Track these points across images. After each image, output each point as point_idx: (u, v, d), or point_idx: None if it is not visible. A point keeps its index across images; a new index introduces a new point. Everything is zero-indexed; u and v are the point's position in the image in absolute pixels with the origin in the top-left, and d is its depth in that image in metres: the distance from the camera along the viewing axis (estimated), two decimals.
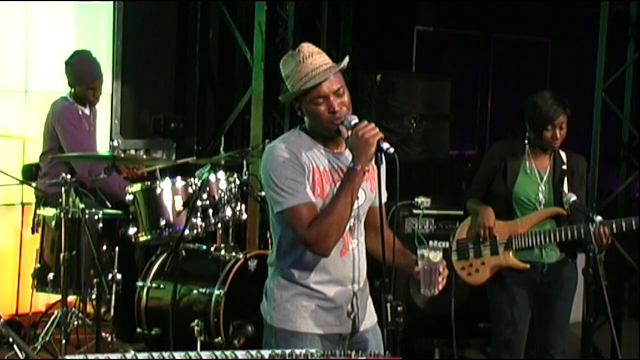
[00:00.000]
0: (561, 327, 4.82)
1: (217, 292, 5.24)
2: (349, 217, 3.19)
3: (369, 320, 3.39)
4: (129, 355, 2.75)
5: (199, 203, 5.29)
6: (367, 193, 3.32)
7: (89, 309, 5.71)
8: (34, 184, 5.84)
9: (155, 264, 5.57)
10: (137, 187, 5.38)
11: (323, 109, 3.20)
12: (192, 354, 2.78)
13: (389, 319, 3.08)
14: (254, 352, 2.84)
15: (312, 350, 2.96)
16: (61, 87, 5.95)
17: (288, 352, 2.89)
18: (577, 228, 4.59)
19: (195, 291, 5.33)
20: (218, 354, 2.79)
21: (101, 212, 5.47)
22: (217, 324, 5.18)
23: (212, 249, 5.50)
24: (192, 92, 7.41)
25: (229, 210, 5.41)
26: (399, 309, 3.08)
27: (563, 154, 4.81)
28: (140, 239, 5.36)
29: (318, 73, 3.20)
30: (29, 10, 6.42)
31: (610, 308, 4.35)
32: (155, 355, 2.74)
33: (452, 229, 5.49)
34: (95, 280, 5.33)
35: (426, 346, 6.01)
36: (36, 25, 6.47)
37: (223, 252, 5.44)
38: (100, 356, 2.75)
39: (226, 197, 5.39)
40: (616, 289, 6.43)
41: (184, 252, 5.41)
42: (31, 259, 5.61)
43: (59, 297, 5.36)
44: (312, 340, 3.24)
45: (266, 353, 2.85)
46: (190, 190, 5.36)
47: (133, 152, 6.96)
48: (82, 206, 5.25)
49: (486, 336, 5.66)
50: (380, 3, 8.13)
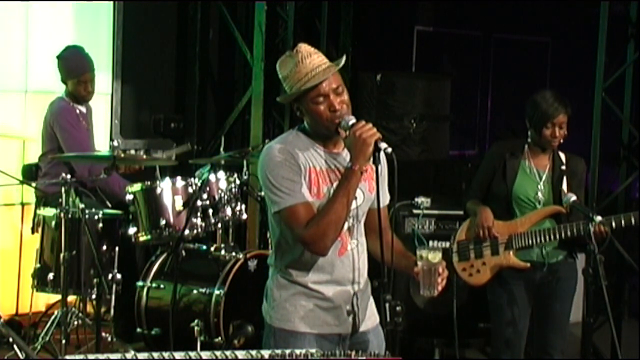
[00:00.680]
0: (561, 327, 4.82)
1: (217, 292, 5.24)
2: (347, 216, 3.20)
3: (370, 320, 3.39)
4: (129, 355, 2.75)
5: (199, 203, 5.30)
6: (366, 193, 3.32)
7: (89, 309, 5.72)
8: (34, 184, 5.84)
9: (155, 264, 5.57)
10: (137, 187, 5.38)
11: (323, 108, 3.20)
12: (192, 354, 2.78)
13: (387, 318, 3.08)
14: (254, 352, 2.84)
15: (312, 350, 2.96)
16: (61, 87, 5.95)
17: (288, 352, 2.89)
18: (576, 225, 4.60)
19: (195, 291, 5.33)
20: (218, 354, 2.79)
21: (101, 212, 5.47)
22: (217, 324, 5.18)
23: (212, 249, 5.50)
24: (192, 92, 7.41)
25: (229, 210, 5.41)
26: (397, 308, 3.07)
27: (562, 155, 4.81)
28: (140, 239, 5.36)
29: (317, 73, 3.20)
30: (29, 10, 6.42)
31: (610, 308, 4.35)
32: (155, 355, 2.74)
33: (452, 229, 5.50)
34: (95, 280, 5.33)
35: (426, 346, 6.01)
36: (36, 25, 6.47)
37: (223, 252, 5.44)
38: (100, 356, 2.75)
39: (226, 197, 5.40)
40: (616, 289, 6.42)
41: (184, 252, 5.41)
42: (31, 259, 5.60)
43: (59, 297, 5.36)
44: (310, 340, 3.24)
45: (266, 353, 2.85)
46: (190, 190, 5.36)
47: (133, 152, 6.95)
48: (82, 206, 5.25)
49: (486, 336, 5.66)
50: (380, 3, 8.13)
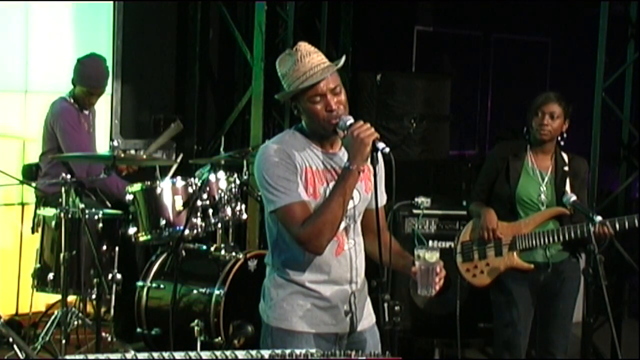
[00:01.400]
0: (563, 327, 4.82)
1: (217, 292, 5.24)
2: (343, 216, 3.19)
3: (367, 320, 3.39)
4: (129, 355, 2.75)
5: (199, 203, 5.30)
6: (362, 193, 3.31)
7: (89, 309, 5.72)
8: (34, 184, 5.84)
9: (155, 264, 5.57)
10: (137, 187, 5.38)
11: (320, 107, 3.20)
12: (192, 354, 2.77)
13: (386, 318, 3.08)
14: (254, 352, 2.84)
15: (312, 350, 2.95)
16: (61, 87, 5.94)
17: (288, 352, 2.89)
18: (580, 227, 4.60)
19: (195, 291, 5.33)
20: (218, 354, 2.79)
21: (101, 212, 5.47)
22: (217, 324, 5.18)
23: (212, 249, 5.50)
24: (192, 92, 7.40)
25: (229, 210, 5.41)
26: (396, 308, 3.07)
27: (565, 155, 4.82)
28: (140, 239, 5.37)
29: (316, 72, 3.20)
30: (29, 10, 6.42)
31: (610, 308, 4.35)
32: (155, 355, 2.74)
33: (452, 229, 5.51)
34: (95, 280, 5.33)
35: (426, 346, 6.01)
36: (36, 25, 6.47)
37: (223, 252, 5.44)
38: (100, 356, 2.75)
39: (226, 197, 5.40)
40: (616, 289, 6.42)
41: (184, 252, 5.41)
42: (31, 259, 5.60)
43: (59, 297, 5.36)
44: (307, 339, 3.24)
45: (266, 353, 2.85)
46: (190, 190, 5.36)
47: (133, 152, 6.95)
48: (82, 206, 5.25)
49: (486, 336, 5.66)
50: (380, 3, 8.13)
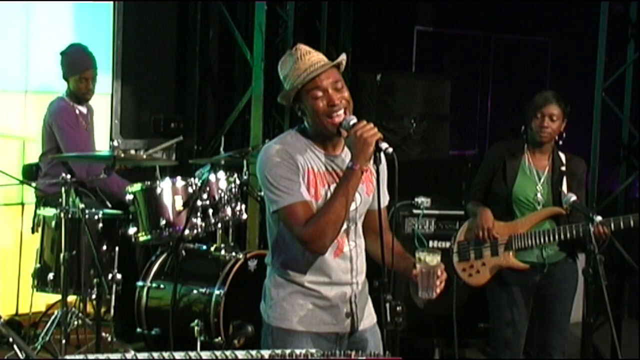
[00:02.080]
0: (561, 328, 4.82)
1: (217, 292, 5.24)
2: (346, 216, 3.19)
3: (368, 320, 3.39)
4: (129, 355, 2.75)
5: (199, 203, 5.29)
6: (363, 196, 3.31)
7: (89, 309, 5.72)
8: (34, 184, 5.84)
9: (155, 264, 5.57)
10: (137, 187, 5.37)
11: (322, 103, 3.20)
12: (192, 354, 2.77)
13: (388, 319, 3.08)
14: (254, 352, 2.83)
15: (312, 350, 2.95)
16: (61, 88, 5.94)
17: (288, 352, 2.89)
18: (576, 227, 4.60)
19: (195, 291, 5.33)
20: (218, 354, 2.79)
21: (101, 212, 5.47)
22: (217, 324, 5.18)
23: (212, 249, 5.50)
24: (192, 92, 7.40)
25: (229, 210, 5.41)
26: (398, 308, 3.07)
27: (562, 155, 4.82)
28: (140, 239, 5.36)
29: (316, 68, 3.20)
30: (29, 10, 6.42)
31: (610, 308, 4.35)
32: (155, 355, 2.74)
33: (452, 229, 5.50)
34: (95, 280, 5.33)
35: (426, 346, 6.02)
36: (36, 25, 6.47)
37: (223, 252, 5.44)
38: (100, 356, 2.75)
39: (226, 197, 5.39)
40: (616, 289, 6.43)
41: (184, 252, 5.41)
42: (31, 259, 5.60)
43: (59, 297, 5.36)
44: (308, 339, 3.24)
45: (266, 353, 2.85)
46: (190, 190, 5.35)
47: (133, 152, 6.95)
48: (82, 206, 5.25)
49: (486, 336, 5.66)
50: (380, 3, 8.13)
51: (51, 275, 5.35)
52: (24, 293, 5.86)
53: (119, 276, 5.39)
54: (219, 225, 5.43)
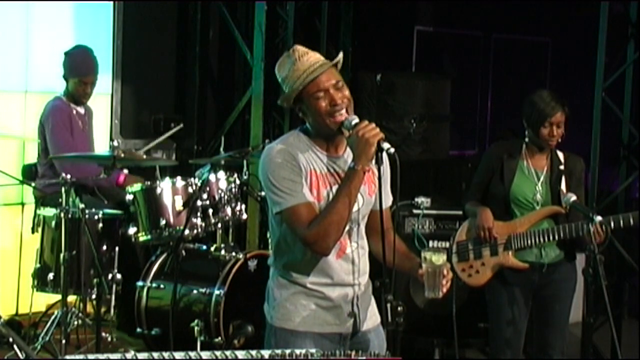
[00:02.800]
0: (560, 328, 4.82)
1: (217, 292, 5.24)
2: (349, 216, 3.19)
3: (371, 320, 3.38)
4: (129, 355, 2.75)
5: (199, 203, 5.30)
6: (365, 197, 3.31)
7: (89, 309, 5.72)
8: (33, 184, 5.83)
9: (155, 264, 5.57)
10: (137, 187, 5.38)
11: (324, 103, 3.19)
12: (192, 354, 2.77)
13: (389, 319, 3.09)
14: (254, 352, 2.84)
15: (312, 350, 2.95)
16: (61, 88, 5.94)
17: (288, 352, 2.89)
18: (575, 226, 4.59)
19: (195, 291, 5.33)
20: (218, 354, 2.79)
21: (101, 212, 5.46)
22: (217, 324, 5.18)
23: (212, 249, 5.50)
24: (192, 92, 7.41)
25: (229, 210, 5.41)
26: (399, 309, 3.08)
27: (561, 154, 4.81)
28: (140, 239, 5.36)
29: (316, 68, 3.20)
30: (29, 10, 6.42)
31: (610, 308, 4.34)
32: (155, 355, 2.74)
33: (452, 229, 5.50)
34: (95, 280, 5.33)
35: (426, 346, 6.01)
36: (36, 25, 6.47)
37: (223, 252, 5.44)
38: (100, 356, 2.75)
39: (226, 197, 5.39)
40: (616, 289, 6.43)
41: (184, 252, 5.41)
42: (31, 259, 5.60)
43: (59, 297, 5.36)
44: (311, 339, 3.24)
45: (266, 353, 2.85)
46: (190, 190, 5.36)
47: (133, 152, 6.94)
48: (82, 206, 5.25)
49: (486, 336, 5.65)
50: (380, 3, 8.13)
51: (51, 275, 5.35)
52: (24, 293, 5.86)
53: (119, 276, 5.40)
54: (219, 225, 5.43)
